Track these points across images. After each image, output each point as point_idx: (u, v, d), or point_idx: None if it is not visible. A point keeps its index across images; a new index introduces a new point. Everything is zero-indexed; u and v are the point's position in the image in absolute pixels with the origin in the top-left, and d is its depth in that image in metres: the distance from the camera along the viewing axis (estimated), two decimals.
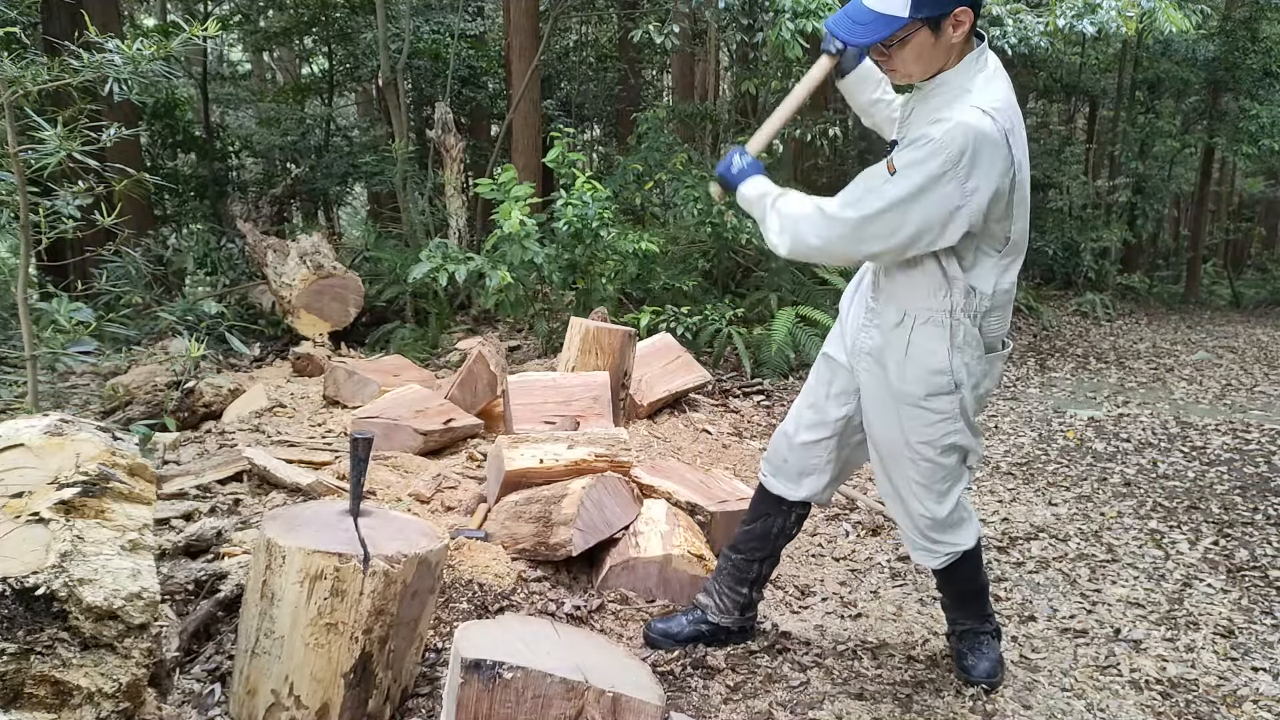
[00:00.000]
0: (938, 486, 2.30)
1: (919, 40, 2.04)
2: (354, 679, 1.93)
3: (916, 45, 2.05)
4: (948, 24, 2.01)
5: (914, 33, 2.01)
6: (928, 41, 2.04)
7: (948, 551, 2.38)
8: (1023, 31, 7.25)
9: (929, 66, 2.09)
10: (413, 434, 3.82)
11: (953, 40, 2.05)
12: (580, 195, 5.93)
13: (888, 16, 1.99)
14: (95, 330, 3.29)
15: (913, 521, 2.37)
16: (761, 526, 2.56)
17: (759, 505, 2.58)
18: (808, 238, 2.15)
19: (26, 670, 1.69)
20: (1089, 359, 8.37)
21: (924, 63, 2.09)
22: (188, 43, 3.01)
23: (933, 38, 2.03)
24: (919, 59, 2.08)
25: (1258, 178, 18.21)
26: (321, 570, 1.88)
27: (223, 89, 12.84)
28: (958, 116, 1.99)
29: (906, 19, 1.98)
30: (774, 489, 2.52)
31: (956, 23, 2.02)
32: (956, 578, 2.47)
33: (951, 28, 2.02)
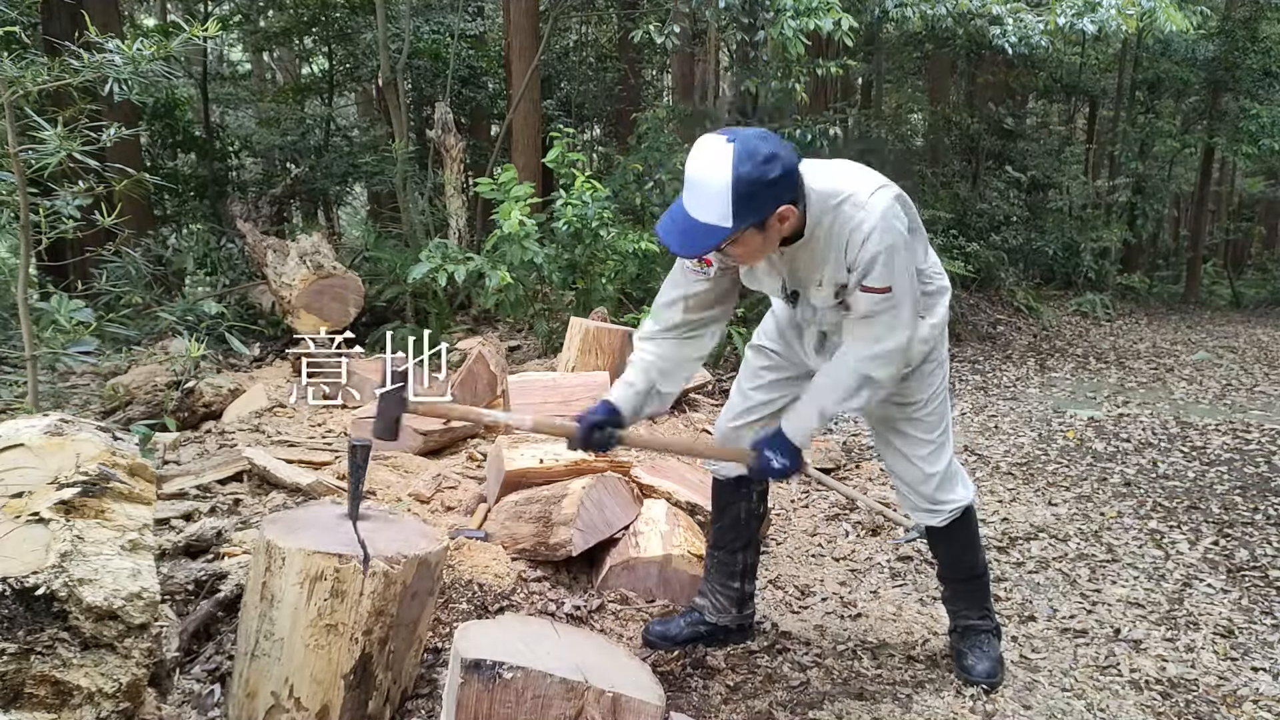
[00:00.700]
0: (939, 439, 2.42)
1: (749, 240, 2.00)
2: (354, 680, 1.93)
3: (748, 244, 2.02)
4: (773, 221, 1.98)
5: (741, 235, 1.97)
6: (757, 240, 2.01)
7: (950, 509, 2.45)
8: (1023, 31, 7.25)
9: (770, 246, 2.07)
10: (413, 434, 3.82)
11: (782, 229, 2.02)
12: (580, 195, 5.93)
13: (712, 227, 1.93)
14: (95, 330, 3.29)
15: (919, 484, 2.45)
16: (729, 516, 2.61)
17: (719, 498, 2.64)
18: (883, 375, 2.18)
19: (26, 670, 1.69)
20: (1089, 359, 8.37)
21: (765, 248, 2.07)
22: (188, 43, 3.01)
23: (761, 236, 2.00)
24: (756, 252, 2.07)
25: (1258, 178, 18.21)
26: (321, 571, 1.88)
27: (223, 89, 12.83)
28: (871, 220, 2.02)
29: (729, 230, 1.92)
30: (727, 475, 2.58)
31: (782, 218, 1.98)
32: (955, 543, 2.52)
33: (779, 222, 1.99)
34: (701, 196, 1.92)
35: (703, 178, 1.92)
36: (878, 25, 7.88)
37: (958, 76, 13.09)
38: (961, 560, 2.56)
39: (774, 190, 1.92)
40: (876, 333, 2.13)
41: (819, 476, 4.23)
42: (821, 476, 4.24)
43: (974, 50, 10.88)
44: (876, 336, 2.14)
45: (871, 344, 2.14)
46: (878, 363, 2.15)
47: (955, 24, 7.47)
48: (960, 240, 9.74)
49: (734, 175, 1.88)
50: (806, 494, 4.12)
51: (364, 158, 10.75)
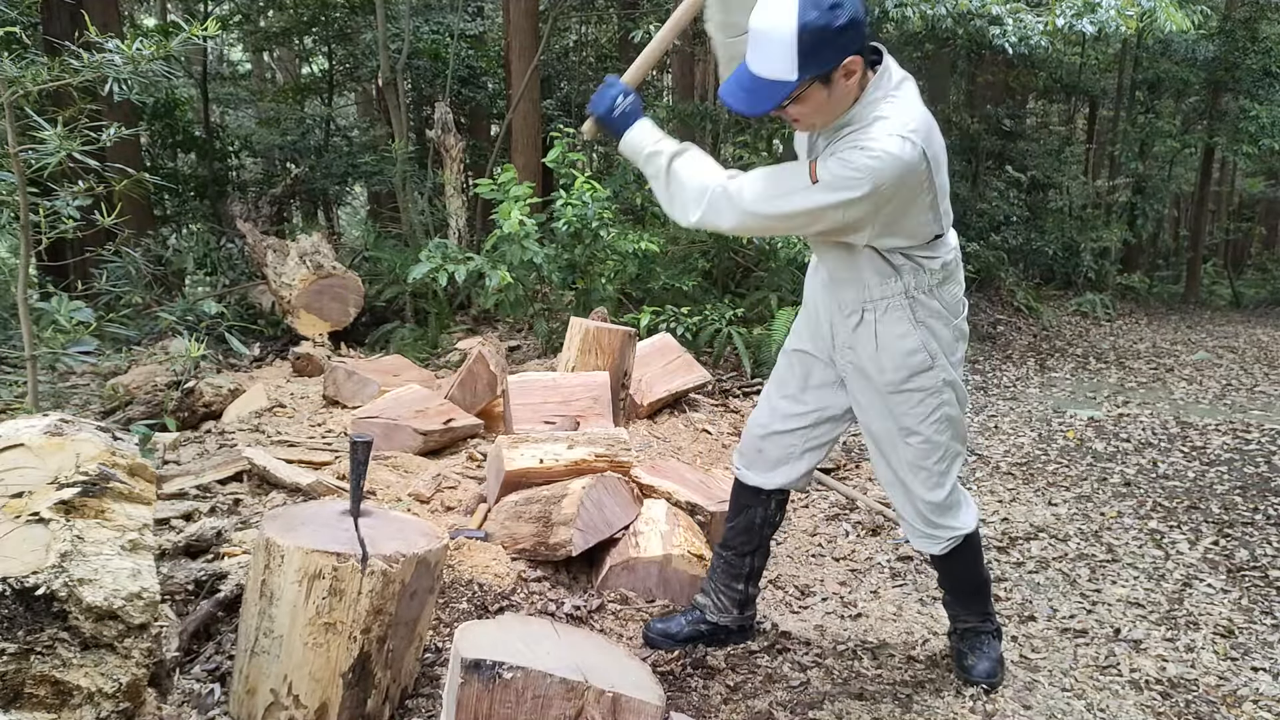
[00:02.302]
0: (936, 467, 2.32)
1: (814, 96, 2.01)
2: (352, 679, 1.93)
3: (813, 101, 2.02)
4: (838, 75, 1.97)
5: (805, 91, 1.98)
6: (822, 96, 2.01)
7: (949, 536, 2.39)
8: (1023, 31, 7.25)
9: (832, 114, 2.07)
10: (413, 434, 3.82)
11: (847, 87, 2.02)
12: (580, 195, 5.93)
13: (777, 82, 1.95)
14: (95, 330, 3.29)
15: (914, 507, 2.39)
16: (745, 520, 2.58)
17: (738, 499, 2.60)
18: (721, 219, 2.12)
19: (26, 670, 1.69)
20: (1089, 359, 8.37)
21: (825, 113, 2.07)
22: (188, 43, 3.01)
23: (826, 91, 2.00)
24: (819, 111, 2.06)
25: (1258, 178, 18.21)
26: (320, 569, 1.88)
27: (223, 89, 12.84)
28: (881, 146, 1.98)
29: (795, 81, 1.94)
30: (750, 480, 2.54)
31: (848, 72, 1.98)
32: (957, 565, 2.48)
33: (844, 78, 1.99)
34: (766, 49, 1.92)
35: (767, 28, 1.91)
36: (878, 25, 7.87)
37: (958, 76, 13.09)
38: (962, 579, 2.53)
39: (841, 39, 1.91)
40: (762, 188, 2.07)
41: (819, 476, 4.23)
42: (821, 476, 4.24)
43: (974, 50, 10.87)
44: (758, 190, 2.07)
45: (748, 191, 2.07)
46: (733, 209, 2.09)
47: (955, 24, 7.46)
48: (960, 240, 9.72)
49: (799, 23, 1.87)
50: (806, 494, 4.12)
51: (364, 158, 10.75)
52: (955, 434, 2.33)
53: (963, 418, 2.35)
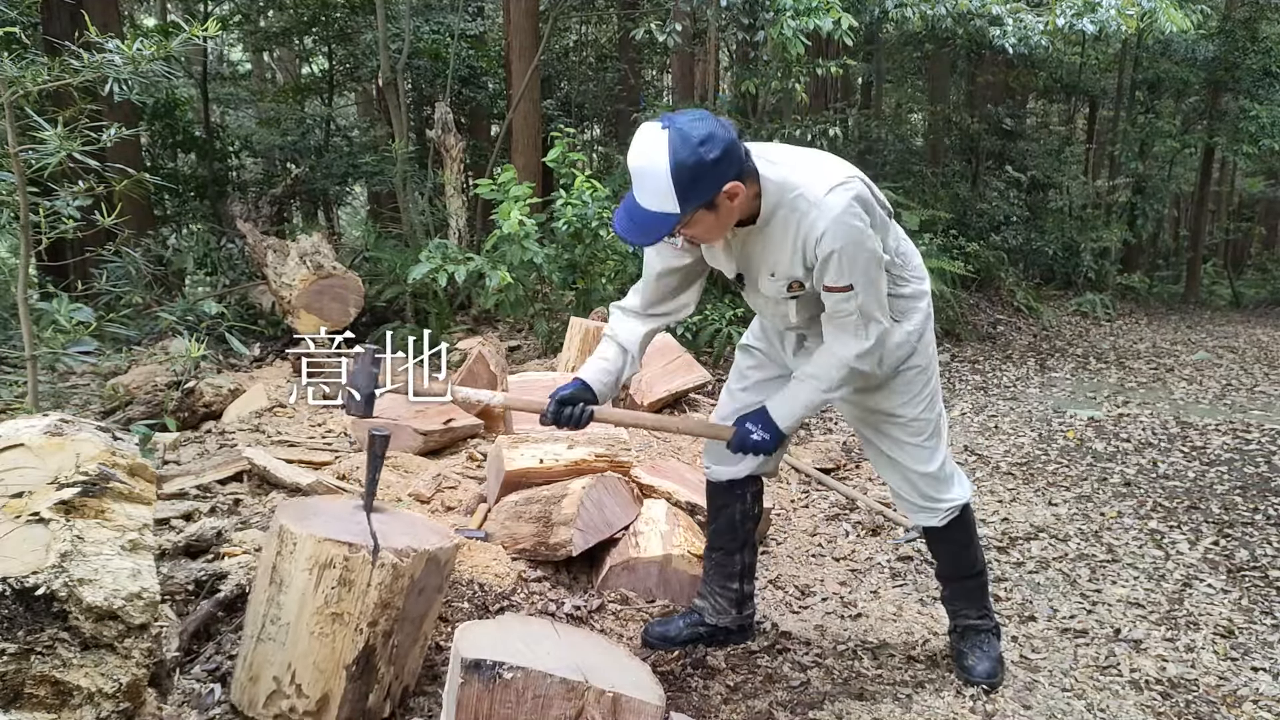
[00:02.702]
0: (927, 444, 2.39)
1: (702, 221, 2.03)
2: (356, 671, 1.93)
3: (702, 224, 2.04)
4: (722, 200, 1.99)
5: (693, 216, 2.00)
6: (710, 219, 2.03)
7: (947, 508, 2.44)
8: (1023, 31, 7.25)
9: (727, 225, 2.09)
10: (413, 434, 3.82)
11: (736, 206, 2.03)
12: (580, 195, 5.93)
13: (663, 214, 1.96)
14: (95, 330, 3.28)
15: (910, 483, 2.44)
16: (725, 519, 2.60)
17: (714, 500, 2.63)
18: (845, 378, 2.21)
19: (26, 670, 1.69)
20: (1089, 359, 8.37)
21: (720, 227, 2.09)
22: (188, 43, 3.01)
23: (714, 214, 2.02)
24: (711, 230, 2.09)
25: (1258, 178, 18.22)
26: (331, 559, 1.88)
27: (223, 89, 12.83)
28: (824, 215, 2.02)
29: (678, 215, 1.95)
30: (720, 477, 2.58)
31: (730, 196, 1.99)
32: (954, 541, 2.51)
33: (727, 200, 2.00)
34: (648, 186, 1.95)
35: (644, 168, 1.94)
36: (878, 25, 7.88)
37: (958, 76, 13.09)
38: (960, 559, 2.55)
39: (716, 170, 1.94)
40: (849, 329, 2.15)
41: (819, 476, 4.23)
42: (821, 476, 4.24)
43: (974, 50, 10.88)
44: (851, 333, 2.16)
45: (848, 341, 2.16)
46: (858, 359, 2.17)
47: (955, 24, 7.47)
48: (960, 240, 9.74)
49: (673, 162, 1.90)
50: (806, 494, 4.12)
51: (364, 158, 10.75)
52: (939, 408, 2.42)
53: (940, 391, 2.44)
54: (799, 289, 2.18)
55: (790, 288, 2.18)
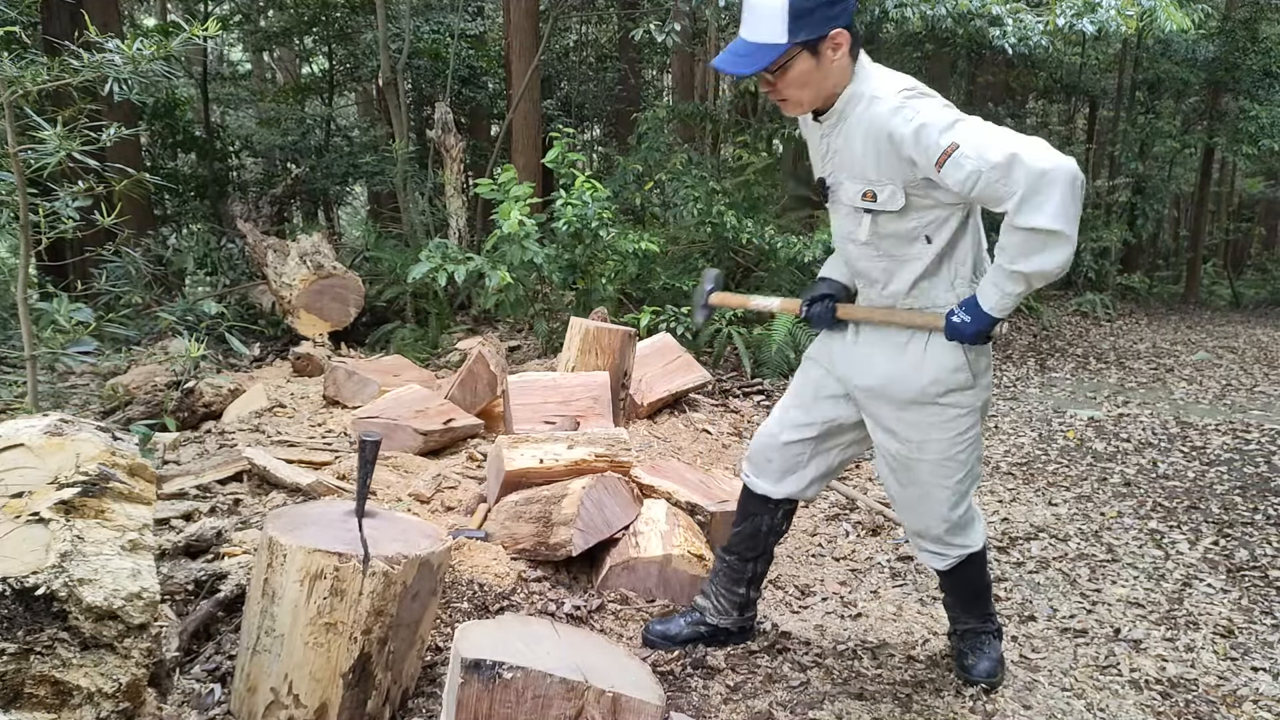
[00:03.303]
0: (958, 486, 2.31)
1: (801, 66, 2.07)
2: (353, 679, 1.93)
3: (799, 72, 2.08)
4: (826, 47, 2.05)
5: (794, 58, 2.05)
6: (809, 67, 2.07)
7: (956, 554, 2.40)
8: (1023, 31, 7.25)
9: (817, 92, 2.12)
10: (413, 434, 3.82)
11: (834, 62, 2.08)
12: (580, 195, 5.94)
13: (766, 45, 2.04)
14: (95, 330, 3.28)
15: (927, 526, 2.38)
16: (750, 526, 2.57)
17: (745, 506, 2.59)
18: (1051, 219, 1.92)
19: (26, 670, 1.69)
20: (1089, 359, 8.37)
21: (811, 89, 2.12)
22: (188, 43, 3.01)
23: (814, 62, 2.07)
24: (805, 85, 2.11)
25: (1258, 178, 18.21)
26: (321, 569, 1.88)
27: (223, 89, 12.84)
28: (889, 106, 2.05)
29: (785, 45, 2.02)
30: (758, 489, 2.53)
31: (834, 45, 2.06)
32: (961, 579, 2.48)
33: (831, 50, 2.06)
34: (758, 16, 2.03)
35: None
36: (878, 25, 7.87)
37: (958, 76, 13.08)
38: (965, 589, 2.52)
39: (830, 9, 2.01)
40: (990, 187, 1.95)
41: None
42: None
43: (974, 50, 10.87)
44: (993, 187, 1.95)
45: (1003, 196, 1.95)
46: (1026, 205, 1.93)
47: (955, 24, 7.46)
48: None
49: None
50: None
51: (364, 158, 10.76)
52: (978, 455, 2.34)
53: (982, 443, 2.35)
54: (872, 199, 2.14)
55: (864, 196, 2.16)
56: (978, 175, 1.96)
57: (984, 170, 1.95)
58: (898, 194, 2.12)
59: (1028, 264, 2.00)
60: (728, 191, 7.49)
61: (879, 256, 2.24)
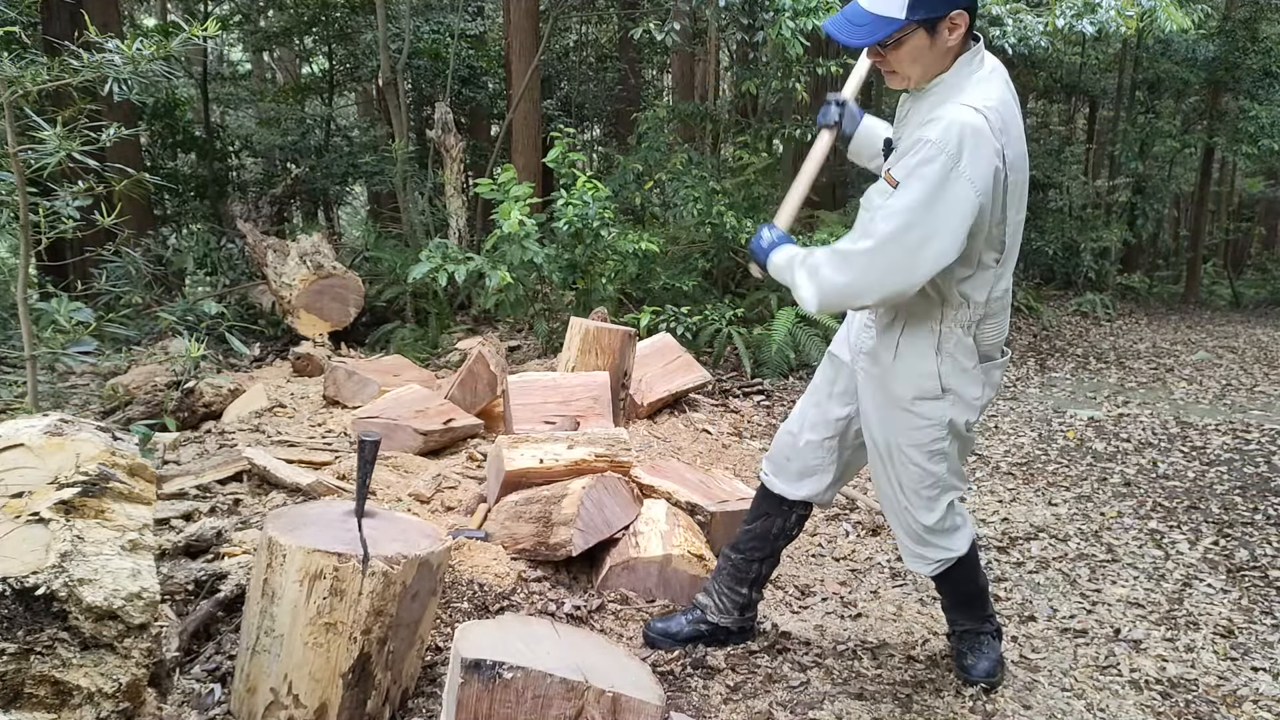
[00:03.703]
0: (925, 493, 2.30)
1: (915, 43, 2.04)
2: (352, 679, 1.93)
3: (913, 48, 2.05)
4: (944, 26, 2.02)
5: (910, 34, 2.02)
6: (924, 44, 2.04)
7: (938, 559, 2.38)
8: (1023, 31, 7.25)
9: (927, 70, 2.10)
10: (413, 434, 3.82)
11: (949, 43, 2.05)
12: (580, 195, 5.94)
13: (884, 18, 2.00)
14: (95, 330, 3.28)
15: (904, 527, 2.38)
16: (762, 526, 2.56)
17: (760, 505, 2.58)
18: (833, 279, 2.08)
19: (26, 670, 1.69)
20: (1089, 359, 8.37)
21: (921, 65, 2.09)
22: (188, 43, 3.01)
23: (929, 40, 2.04)
24: (916, 61, 2.08)
25: (1258, 178, 18.21)
26: (321, 569, 1.88)
27: (223, 89, 12.84)
28: (949, 115, 1.99)
29: (903, 21, 1.99)
30: (775, 489, 2.52)
31: (952, 25, 2.03)
32: (953, 582, 2.48)
33: (948, 30, 2.03)
34: None
35: None
36: None
37: None
38: (957, 593, 2.52)
39: None
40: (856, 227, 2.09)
41: None
42: None
43: None
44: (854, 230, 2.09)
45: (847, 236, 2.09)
46: (840, 260, 2.07)
47: None
48: None
49: None
50: None
51: (364, 158, 10.76)
52: (951, 469, 2.29)
53: (959, 460, 2.31)
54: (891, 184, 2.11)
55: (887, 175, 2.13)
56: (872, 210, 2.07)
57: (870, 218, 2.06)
58: None
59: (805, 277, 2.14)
60: (728, 191, 7.49)
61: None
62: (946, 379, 2.20)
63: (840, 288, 2.08)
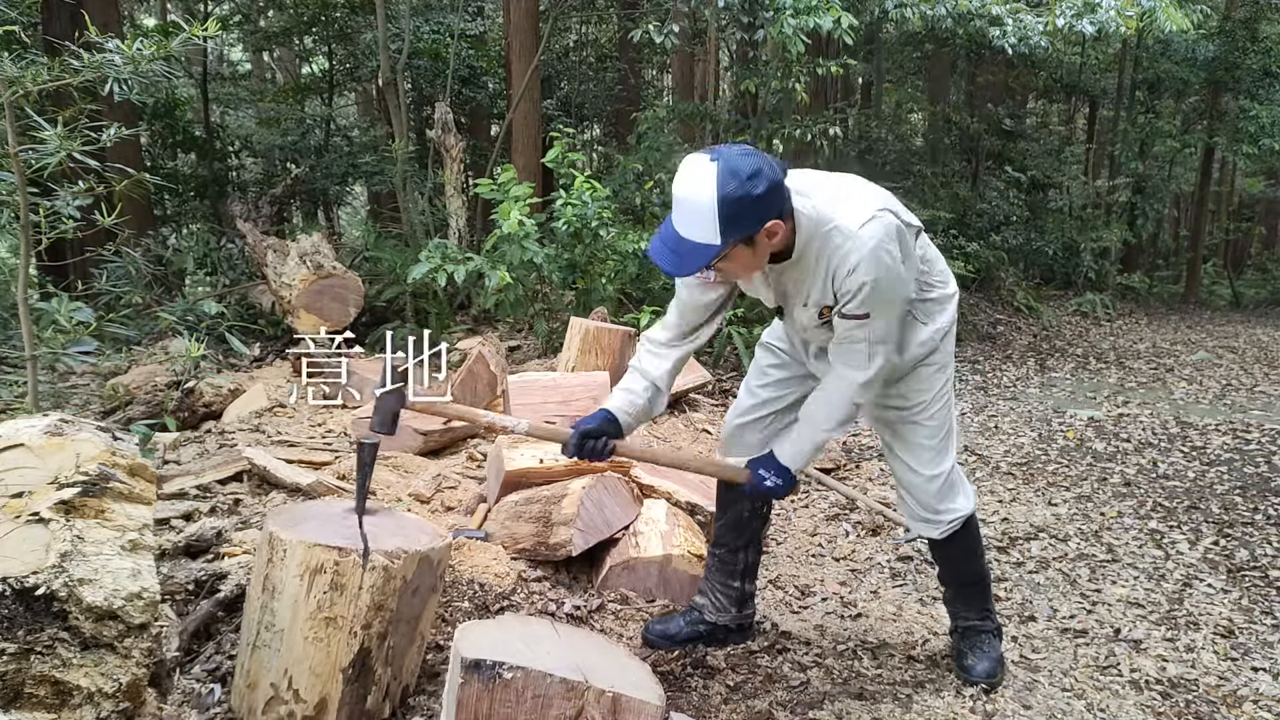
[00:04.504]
0: (941, 443, 2.41)
1: (739, 256, 2.04)
2: (352, 674, 1.93)
3: (739, 260, 2.06)
4: (761, 238, 2.00)
5: (731, 250, 2.00)
6: (747, 254, 2.04)
7: (948, 520, 2.44)
8: (1022, 31, 7.26)
9: (761, 261, 2.11)
10: (413, 434, 3.82)
11: (772, 243, 2.05)
12: (580, 195, 5.94)
13: (702, 245, 1.96)
14: (95, 330, 3.28)
15: (922, 491, 2.44)
16: (733, 514, 2.61)
17: (723, 496, 2.64)
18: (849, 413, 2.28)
19: (26, 670, 1.69)
20: (1089, 359, 8.37)
21: (755, 264, 2.10)
22: (188, 43, 3.01)
23: (751, 250, 2.03)
24: (746, 267, 2.11)
25: (1258, 178, 18.22)
26: (321, 564, 1.88)
27: (223, 89, 12.83)
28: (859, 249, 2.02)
29: (719, 246, 1.95)
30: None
31: (770, 233, 2.00)
32: (956, 552, 2.51)
33: (767, 238, 2.01)
34: (690, 216, 1.96)
35: (689, 197, 1.95)
36: (878, 25, 7.88)
37: (958, 76, 13.09)
38: (962, 569, 2.56)
39: (760, 206, 1.95)
40: (855, 357, 2.19)
41: (819, 476, 4.23)
42: (821, 476, 4.24)
43: (974, 50, 10.88)
44: (855, 362, 2.19)
45: (851, 371, 2.21)
46: (859, 390, 2.22)
47: (955, 24, 7.47)
48: (960, 240, 9.74)
49: (720, 194, 1.91)
50: (806, 494, 4.12)
51: (364, 158, 10.76)
52: (952, 411, 2.45)
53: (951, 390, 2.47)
54: (829, 314, 2.19)
55: (821, 314, 2.20)
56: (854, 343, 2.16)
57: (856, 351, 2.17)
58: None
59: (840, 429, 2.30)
60: None
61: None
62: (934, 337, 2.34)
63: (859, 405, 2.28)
